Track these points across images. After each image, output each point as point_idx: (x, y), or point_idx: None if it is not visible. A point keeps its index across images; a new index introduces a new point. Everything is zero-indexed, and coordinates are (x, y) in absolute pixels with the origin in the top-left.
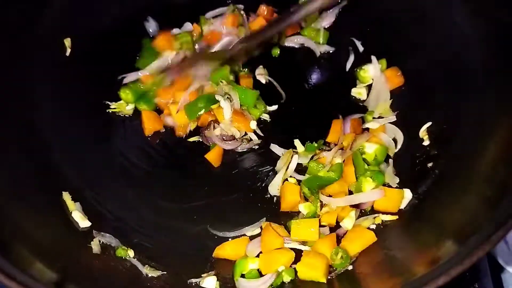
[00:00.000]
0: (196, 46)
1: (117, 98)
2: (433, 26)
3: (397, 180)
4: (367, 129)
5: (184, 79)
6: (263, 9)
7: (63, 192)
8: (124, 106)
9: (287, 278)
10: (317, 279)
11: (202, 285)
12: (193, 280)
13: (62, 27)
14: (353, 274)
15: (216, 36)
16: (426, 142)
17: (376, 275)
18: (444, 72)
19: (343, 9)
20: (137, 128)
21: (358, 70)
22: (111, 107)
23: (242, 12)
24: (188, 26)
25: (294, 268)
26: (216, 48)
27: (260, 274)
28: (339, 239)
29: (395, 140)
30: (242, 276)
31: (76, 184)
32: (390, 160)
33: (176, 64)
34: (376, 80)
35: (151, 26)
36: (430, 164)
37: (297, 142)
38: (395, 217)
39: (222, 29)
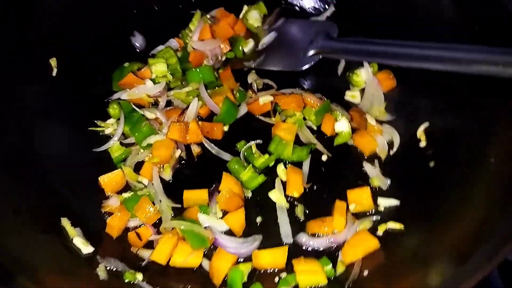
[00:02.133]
0: None
1: (106, 117)
2: (421, 24)
3: (388, 181)
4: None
5: None
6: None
7: (61, 218)
8: (112, 124)
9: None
10: (319, 283)
11: None
12: None
13: (48, 47)
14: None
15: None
16: (423, 143)
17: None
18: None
19: (330, 16)
20: None
21: (350, 75)
22: (100, 126)
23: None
24: (172, 42)
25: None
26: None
27: None
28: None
29: (391, 142)
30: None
31: (75, 207)
32: (376, 161)
33: None
34: (368, 83)
35: (138, 40)
36: (432, 164)
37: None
38: (401, 226)
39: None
